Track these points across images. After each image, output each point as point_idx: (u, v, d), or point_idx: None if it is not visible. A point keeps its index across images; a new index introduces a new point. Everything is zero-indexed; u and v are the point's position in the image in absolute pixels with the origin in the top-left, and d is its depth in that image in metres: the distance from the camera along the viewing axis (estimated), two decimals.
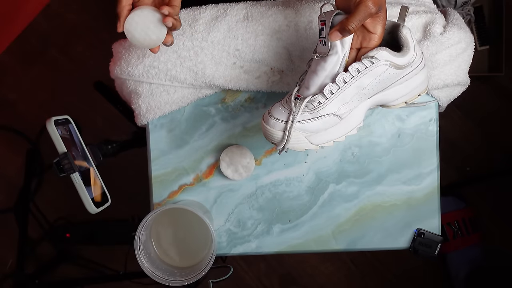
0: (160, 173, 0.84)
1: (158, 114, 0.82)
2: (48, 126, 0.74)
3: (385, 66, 0.63)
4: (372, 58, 0.63)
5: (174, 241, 0.83)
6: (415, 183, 0.83)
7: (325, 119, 0.65)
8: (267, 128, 0.66)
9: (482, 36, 1.49)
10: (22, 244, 1.56)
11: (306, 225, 0.84)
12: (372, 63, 0.63)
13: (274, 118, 0.65)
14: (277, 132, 0.65)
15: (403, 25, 0.65)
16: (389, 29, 0.67)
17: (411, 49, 0.65)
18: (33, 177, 1.62)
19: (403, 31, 0.65)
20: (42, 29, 1.65)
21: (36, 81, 1.66)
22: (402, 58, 0.64)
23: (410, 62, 0.65)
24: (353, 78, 0.64)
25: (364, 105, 0.68)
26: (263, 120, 0.67)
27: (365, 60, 0.63)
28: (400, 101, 0.70)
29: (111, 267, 1.54)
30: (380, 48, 0.63)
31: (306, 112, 0.65)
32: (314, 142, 0.67)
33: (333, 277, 1.64)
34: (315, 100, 0.65)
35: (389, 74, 0.65)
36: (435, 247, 0.83)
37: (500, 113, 1.58)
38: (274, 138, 0.66)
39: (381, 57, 0.63)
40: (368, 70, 0.63)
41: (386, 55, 0.63)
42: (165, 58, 0.79)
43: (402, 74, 0.66)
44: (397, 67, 0.64)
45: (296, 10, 0.79)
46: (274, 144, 0.67)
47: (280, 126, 0.65)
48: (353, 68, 0.64)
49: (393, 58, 0.64)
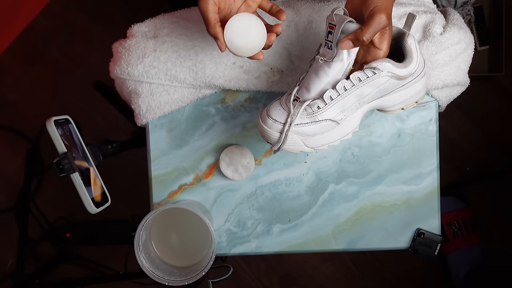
0: (160, 173, 0.84)
1: (158, 114, 0.82)
2: (48, 126, 0.74)
3: (386, 77, 0.63)
4: (375, 69, 0.63)
5: (174, 241, 0.83)
6: (415, 183, 0.83)
7: (322, 124, 0.65)
8: (264, 128, 0.66)
9: (482, 36, 1.49)
10: (22, 244, 1.56)
11: (306, 225, 0.84)
12: (374, 73, 0.63)
13: (272, 119, 0.65)
14: (274, 133, 0.65)
15: (408, 33, 0.65)
16: (394, 36, 0.66)
17: (414, 60, 0.65)
18: (33, 177, 1.62)
19: (408, 40, 0.65)
20: (42, 29, 1.65)
21: (36, 81, 1.66)
22: (404, 69, 0.64)
23: (412, 72, 0.65)
24: (354, 86, 0.64)
25: (361, 110, 0.68)
26: (260, 119, 0.67)
27: (368, 70, 0.63)
28: (397, 107, 0.70)
29: (111, 267, 1.54)
30: (384, 60, 0.63)
31: (305, 116, 0.65)
32: (309, 145, 0.67)
33: (333, 277, 1.64)
34: (314, 104, 0.65)
35: (390, 84, 0.65)
36: (435, 247, 0.83)
37: (500, 113, 1.58)
38: (271, 139, 0.66)
39: (383, 68, 0.63)
40: (370, 80, 0.63)
41: (389, 67, 0.63)
42: (165, 58, 0.79)
43: (402, 83, 0.66)
44: (399, 78, 0.64)
45: (296, 10, 0.79)
46: (270, 144, 0.67)
47: (278, 127, 0.65)
48: (355, 77, 0.63)
49: (396, 70, 0.63)
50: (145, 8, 1.61)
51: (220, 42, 0.66)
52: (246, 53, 0.67)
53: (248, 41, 0.66)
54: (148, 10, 0.88)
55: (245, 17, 0.65)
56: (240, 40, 0.65)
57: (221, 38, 0.65)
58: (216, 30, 0.65)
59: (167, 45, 0.79)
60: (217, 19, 0.66)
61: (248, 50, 0.67)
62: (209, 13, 0.65)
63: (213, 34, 0.66)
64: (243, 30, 0.65)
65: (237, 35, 0.65)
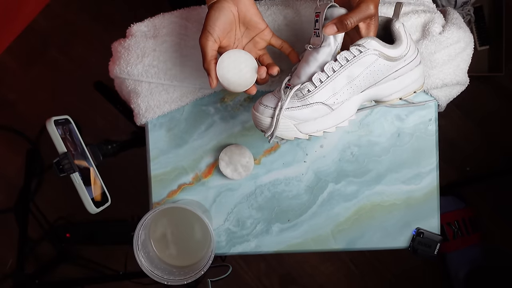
0: (159, 172, 0.84)
1: (158, 114, 0.82)
2: (48, 126, 0.74)
3: (374, 56, 0.64)
4: (360, 46, 0.63)
5: (173, 240, 0.83)
6: (415, 182, 0.83)
7: (314, 107, 0.66)
8: (256, 115, 0.67)
9: (482, 36, 1.49)
10: (22, 244, 1.56)
11: (305, 224, 0.84)
12: (360, 52, 0.63)
13: (263, 105, 0.66)
14: (266, 118, 0.66)
15: (396, 19, 0.66)
16: (383, 24, 0.68)
17: (403, 42, 0.65)
18: (33, 177, 1.62)
19: (396, 24, 0.66)
20: (42, 29, 1.65)
21: (36, 81, 1.66)
22: (394, 50, 0.65)
23: (402, 55, 0.66)
24: (342, 67, 0.64)
25: (357, 98, 0.68)
26: (253, 108, 0.68)
27: (353, 48, 0.64)
28: (395, 97, 0.70)
29: (111, 267, 1.54)
30: (369, 37, 0.63)
31: (295, 100, 0.66)
32: (303, 130, 0.67)
33: (333, 277, 1.64)
34: (304, 88, 0.66)
35: (380, 66, 0.65)
36: (434, 247, 0.83)
37: (500, 113, 1.58)
38: (263, 125, 0.67)
39: (369, 46, 0.63)
40: (357, 59, 0.64)
41: (375, 45, 0.63)
42: (165, 57, 0.79)
43: (395, 68, 0.66)
44: (388, 58, 0.65)
45: (296, 10, 0.79)
46: (263, 132, 0.67)
47: (269, 112, 0.66)
48: (342, 57, 0.64)
49: (383, 49, 0.64)
50: (145, 8, 1.61)
51: (210, 79, 0.68)
52: (238, 88, 0.69)
53: (239, 76, 0.68)
54: (148, 10, 0.88)
55: (235, 53, 0.68)
56: (231, 75, 0.68)
57: (212, 75, 0.68)
58: (210, 67, 0.67)
59: (166, 44, 0.79)
60: (213, 55, 0.68)
61: (240, 85, 0.69)
62: (207, 49, 0.67)
63: (206, 69, 0.68)
64: (234, 65, 0.68)
65: (228, 71, 0.67)
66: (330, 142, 0.83)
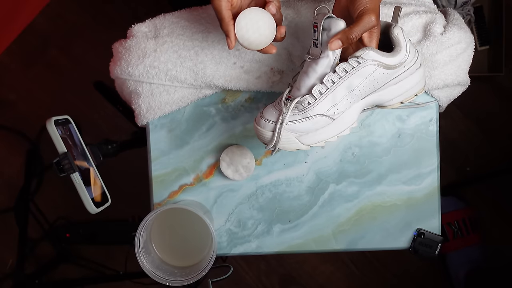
0: (160, 173, 0.84)
1: (159, 114, 0.82)
2: (48, 126, 0.74)
3: (373, 66, 0.63)
4: (358, 58, 0.63)
5: (174, 241, 0.83)
6: (415, 183, 0.83)
7: (314, 119, 0.66)
8: (258, 128, 0.67)
9: (482, 36, 1.49)
10: (22, 244, 1.56)
11: (306, 225, 0.84)
12: (358, 63, 0.63)
13: (264, 119, 0.67)
14: (267, 132, 0.66)
15: (395, 25, 0.66)
16: (382, 29, 0.67)
17: (402, 49, 0.65)
18: (33, 177, 1.62)
19: (395, 31, 0.65)
20: (42, 29, 1.65)
21: (36, 81, 1.66)
22: (393, 58, 0.64)
23: (402, 62, 0.65)
24: (341, 79, 0.64)
25: (357, 106, 0.68)
26: (255, 121, 0.69)
27: (352, 60, 0.64)
28: (396, 101, 0.70)
29: (111, 267, 1.54)
30: (367, 48, 0.63)
31: (296, 113, 0.66)
32: (305, 142, 0.67)
33: (333, 277, 1.64)
34: (304, 100, 0.66)
35: (379, 75, 0.65)
36: (435, 247, 0.83)
37: (500, 113, 1.58)
38: (265, 138, 0.67)
39: (367, 57, 0.63)
40: (355, 70, 0.64)
41: (373, 55, 0.63)
42: (166, 58, 0.79)
43: (395, 75, 0.66)
44: (387, 67, 0.64)
45: (296, 10, 0.79)
46: (265, 144, 0.68)
47: (270, 126, 0.66)
48: (340, 69, 0.64)
49: (382, 58, 0.64)
50: (146, 8, 1.61)
51: (229, 40, 0.67)
52: (258, 45, 0.68)
53: (259, 34, 0.67)
54: (149, 10, 0.89)
55: (253, 11, 0.67)
56: (251, 34, 0.67)
57: (231, 36, 0.67)
58: (228, 28, 0.67)
59: (167, 45, 0.79)
60: (230, 16, 0.67)
61: (261, 42, 0.68)
62: (223, 10, 0.66)
63: (225, 31, 0.67)
64: (252, 23, 0.67)
65: (248, 30, 0.67)
66: (331, 143, 0.83)
